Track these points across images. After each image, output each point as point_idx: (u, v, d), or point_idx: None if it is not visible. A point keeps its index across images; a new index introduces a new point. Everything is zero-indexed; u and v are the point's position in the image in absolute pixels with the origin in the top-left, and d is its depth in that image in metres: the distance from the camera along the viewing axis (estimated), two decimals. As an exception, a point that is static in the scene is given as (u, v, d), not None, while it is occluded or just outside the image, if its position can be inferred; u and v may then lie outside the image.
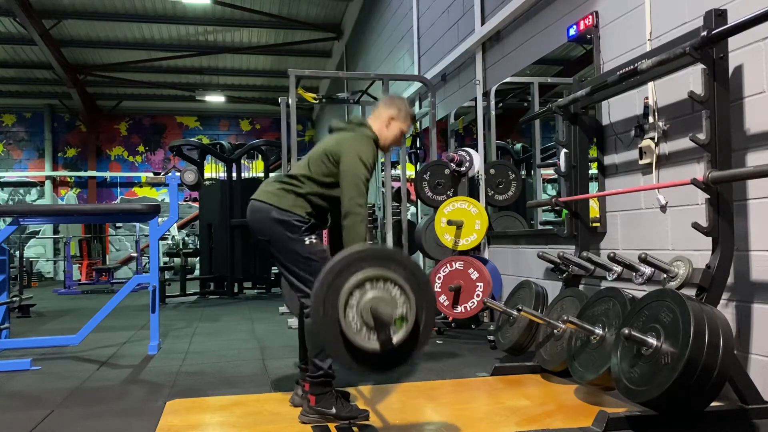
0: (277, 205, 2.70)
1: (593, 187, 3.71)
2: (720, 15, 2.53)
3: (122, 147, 16.40)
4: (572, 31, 3.93)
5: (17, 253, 10.10)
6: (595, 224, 3.70)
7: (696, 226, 2.54)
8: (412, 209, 7.59)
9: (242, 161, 10.21)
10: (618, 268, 3.11)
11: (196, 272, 11.94)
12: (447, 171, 5.20)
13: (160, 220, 4.74)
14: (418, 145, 7.04)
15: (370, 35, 10.03)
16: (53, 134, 15.99)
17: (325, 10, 11.63)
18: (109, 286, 11.56)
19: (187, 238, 14.76)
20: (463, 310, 4.39)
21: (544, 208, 5.32)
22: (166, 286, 9.05)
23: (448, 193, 5.20)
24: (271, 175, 9.27)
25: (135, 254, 12.55)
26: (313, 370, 2.62)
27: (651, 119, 3.22)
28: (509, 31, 4.98)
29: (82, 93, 14.44)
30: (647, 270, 2.86)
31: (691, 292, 2.52)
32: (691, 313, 2.21)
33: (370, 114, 3.01)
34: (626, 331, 2.38)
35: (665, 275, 2.73)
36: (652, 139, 3.20)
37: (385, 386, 3.23)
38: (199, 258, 10.73)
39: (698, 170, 2.86)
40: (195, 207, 12.76)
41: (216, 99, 15.33)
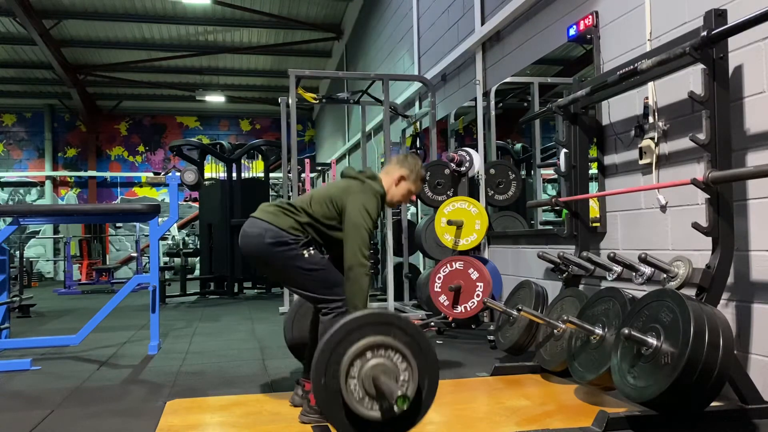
0: (273, 222, 2.72)
1: (593, 187, 3.71)
2: (720, 15, 2.53)
3: (122, 147, 16.41)
4: (572, 31, 3.94)
5: (17, 253, 10.11)
6: (595, 224, 3.70)
7: (696, 226, 2.54)
8: (412, 209, 7.60)
9: (242, 161, 10.22)
10: (618, 268, 3.11)
11: (196, 272, 11.96)
12: (447, 171, 5.20)
13: (160, 220, 4.74)
14: (418, 145, 7.04)
15: (370, 35, 10.03)
16: (53, 134, 16.01)
17: (325, 10, 11.63)
18: (109, 286, 11.57)
19: (187, 238, 14.77)
20: (463, 310, 4.39)
21: (544, 208, 5.32)
22: (166, 286, 9.05)
23: (448, 193, 5.21)
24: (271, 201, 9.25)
25: (135, 254, 12.55)
26: None
27: (651, 119, 3.22)
28: (509, 31, 4.98)
29: (82, 93, 14.45)
30: (647, 270, 2.86)
31: (691, 292, 2.52)
32: (691, 313, 2.21)
33: (381, 168, 3.07)
34: (626, 331, 2.38)
35: (665, 275, 2.72)
36: (652, 139, 3.20)
37: (385, 386, 3.23)
38: (199, 258, 10.74)
39: (698, 170, 2.86)
40: (195, 207, 12.77)
41: (216, 99, 15.33)
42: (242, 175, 10.16)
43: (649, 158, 3.22)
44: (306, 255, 2.71)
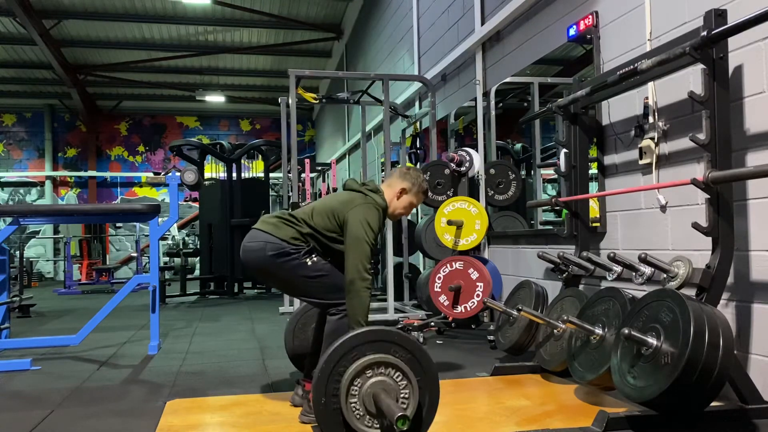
0: (274, 233, 2.73)
1: (593, 187, 3.71)
2: (720, 15, 2.53)
3: (122, 147, 16.41)
4: (572, 31, 3.93)
5: (17, 253, 10.11)
6: (595, 224, 3.70)
7: (696, 226, 2.54)
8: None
9: (242, 161, 10.22)
10: (618, 268, 3.11)
11: (196, 272, 11.95)
12: (447, 171, 5.20)
13: (160, 220, 4.74)
14: (418, 145, 7.03)
15: (370, 35, 10.03)
16: (53, 134, 16.01)
17: (325, 10, 11.63)
18: (109, 286, 11.57)
19: (187, 238, 14.77)
20: (463, 310, 4.38)
21: (544, 208, 5.32)
22: (166, 286, 9.05)
23: (448, 193, 5.21)
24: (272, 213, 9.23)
25: (135, 254, 12.56)
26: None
27: (651, 119, 3.22)
28: (509, 31, 4.98)
29: (82, 93, 14.45)
30: (647, 270, 2.86)
31: (691, 292, 2.52)
32: (691, 313, 2.21)
33: (383, 178, 3.05)
34: (626, 331, 2.38)
35: (665, 275, 2.72)
36: (652, 139, 3.20)
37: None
38: (199, 258, 10.74)
39: (698, 170, 2.86)
40: (195, 207, 12.78)
41: (216, 99, 15.34)
42: (242, 175, 10.16)
43: (649, 158, 3.22)
44: (309, 263, 2.72)
